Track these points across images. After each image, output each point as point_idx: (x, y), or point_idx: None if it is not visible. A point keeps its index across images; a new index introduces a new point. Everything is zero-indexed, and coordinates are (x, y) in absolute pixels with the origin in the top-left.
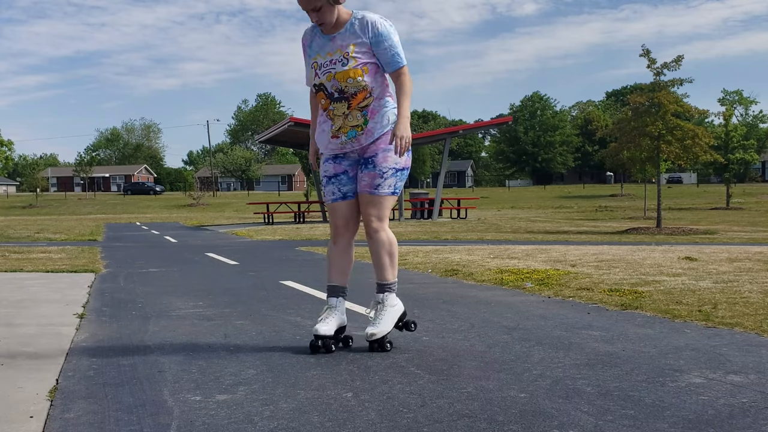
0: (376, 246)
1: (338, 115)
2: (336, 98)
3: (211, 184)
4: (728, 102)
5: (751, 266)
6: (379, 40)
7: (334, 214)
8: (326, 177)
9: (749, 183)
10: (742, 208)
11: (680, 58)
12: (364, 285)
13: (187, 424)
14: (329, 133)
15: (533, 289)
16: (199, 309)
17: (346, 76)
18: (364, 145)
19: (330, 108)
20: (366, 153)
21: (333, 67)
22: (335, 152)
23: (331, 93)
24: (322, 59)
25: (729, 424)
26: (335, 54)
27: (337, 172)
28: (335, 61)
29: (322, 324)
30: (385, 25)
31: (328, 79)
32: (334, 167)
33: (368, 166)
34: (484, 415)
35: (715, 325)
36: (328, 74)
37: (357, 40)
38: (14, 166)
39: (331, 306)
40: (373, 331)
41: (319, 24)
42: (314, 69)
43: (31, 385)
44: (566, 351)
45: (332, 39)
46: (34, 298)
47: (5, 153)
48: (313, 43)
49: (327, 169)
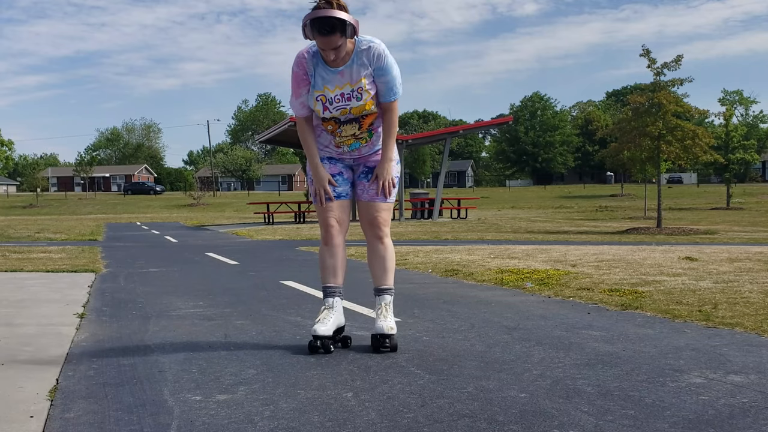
0: (384, 251)
1: (345, 136)
2: (347, 121)
3: (212, 184)
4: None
5: (752, 266)
6: (383, 73)
7: (326, 213)
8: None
9: (749, 183)
10: (743, 208)
11: (680, 58)
12: (361, 284)
13: (187, 424)
14: (332, 141)
15: (533, 289)
16: (199, 309)
17: (361, 110)
18: (364, 155)
19: (338, 131)
20: (369, 161)
21: (348, 103)
22: (331, 155)
23: (343, 121)
24: (330, 93)
25: (729, 424)
26: (345, 88)
27: (333, 173)
28: (349, 97)
29: (320, 324)
30: (390, 58)
31: (342, 114)
32: (330, 167)
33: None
34: (485, 415)
35: (715, 325)
36: (342, 110)
37: (365, 71)
38: (14, 166)
39: (328, 306)
40: (392, 324)
41: (332, 59)
42: (321, 102)
43: (32, 384)
44: (566, 351)
45: (339, 72)
46: (35, 297)
47: (5, 153)
48: (316, 74)
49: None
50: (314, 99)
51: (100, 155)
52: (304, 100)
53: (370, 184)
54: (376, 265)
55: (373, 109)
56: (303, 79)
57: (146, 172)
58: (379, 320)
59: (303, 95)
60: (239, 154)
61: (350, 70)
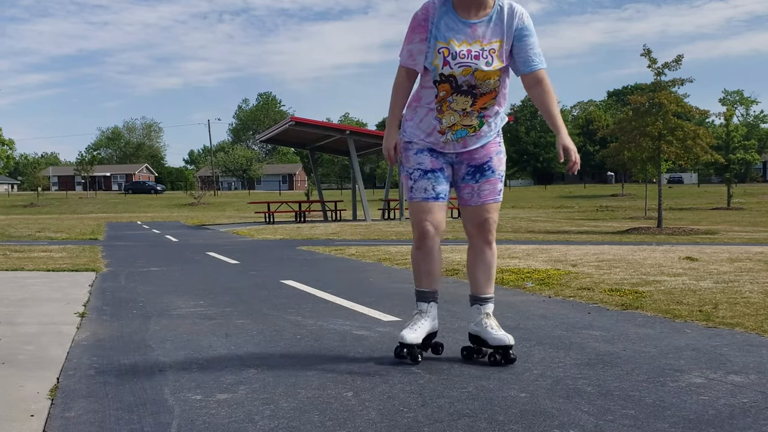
0: (491, 257)
1: (455, 109)
2: (462, 91)
3: (212, 184)
4: (729, 102)
5: (752, 266)
6: (527, 33)
7: (424, 215)
8: (421, 170)
9: (750, 183)
10: (743, 208)
11: (680, 58)
12: (362, 284)
13: (187, 423)
14: (436, 126)
15: (534, 289)
16: (200, 308)
17: (486, 77)
18: (469, 148)
19: (449, 99)
20: (474, 159)
21: (475, 63)
22: (433, 147)
23: (460, 85)
24: (457, 47)
25: (729, 424)
26: (474, 45)
27: (435, 167)
28: (477, 55)
29: (410, 331)
30: (530, 19)
31: (464, 74)
32: (431, 161)
33: (486, 173)
34: (485, 415)
35: (715, 325)
36: (466, 68)
37: (501, 36)
38: (15, 165)
39: (421, 311)
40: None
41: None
42: (443, 55)
43: (32, 383)
44: (567, 351)
45: (471, 26)
46: (36, 296)
47: (6, 152)
48: (442, 23)
49: (423, 161)
50: (435, 50)
51: (101, 154)
52: (414, 48)
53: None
54: (480, 271)
55: (496, 84)
56: (421, 26)
57: (147, 171)
58: (493, 331)
59: (415, 43)
60: (240, 154)
61: (485, 27)
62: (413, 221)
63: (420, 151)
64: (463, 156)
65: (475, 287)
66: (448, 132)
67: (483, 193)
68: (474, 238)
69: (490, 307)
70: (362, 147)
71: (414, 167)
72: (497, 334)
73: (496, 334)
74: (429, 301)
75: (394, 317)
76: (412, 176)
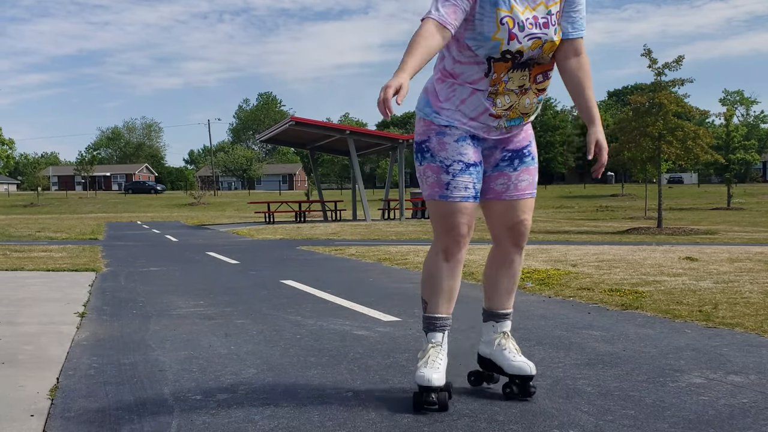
0: (518, 266)
1: (511, 89)
2: (519, 64)
3: (212, 183)
4: (729, 102)
5: (752, 266)
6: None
7: (461, 218)
8: (463, 163)
9: (750, 183)
10: (743, 208)
11: (681, 58)
12: (362, 284)
13: (187, 423)
14: (488, 108)
15: (534, 289)
16: (199, 308)
17: (552, 49)
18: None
19: (504, 78)
20: (512, 141)
21: (544, 31)
22: (476, 133)
23: (524, 62)
24: (521, 14)
25: (729, 424)
26: (538, 10)
27: (477, 160)
28: (545, 23)
29: (432, 370)
30: None
31: (533, 48)
32: (474, 152)
33: (525, 159)
34: (485, 415)
35: (715, 326)
36: (536, 41)
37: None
38: (15, 164)
39: (436, 344)
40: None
41: None
42: (508, 27)
43: (32, 383)
44: (567, 351)
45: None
46: (35, 296)
47: (6, 152)
48: None
49: (465, 152)
50: (496, 21)
51: (101, 154)
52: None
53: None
54: (504, 282)
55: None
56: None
57: (147, 171)
58: (511, 356)
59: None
60: (240, 154)
61: None
62: (443, 225)
63: (462, 138)
64: (500, 141)
65: (493, 300)
66: (503, 117)
67: (521, 185)
68: (503, 243)
69: (508, 325)
70: (362, 147)
71: (454, 158)
72: (516, 362)
73: (515, 360)
74: (445, 330)
75: (393, 317)
76: (450, 170)
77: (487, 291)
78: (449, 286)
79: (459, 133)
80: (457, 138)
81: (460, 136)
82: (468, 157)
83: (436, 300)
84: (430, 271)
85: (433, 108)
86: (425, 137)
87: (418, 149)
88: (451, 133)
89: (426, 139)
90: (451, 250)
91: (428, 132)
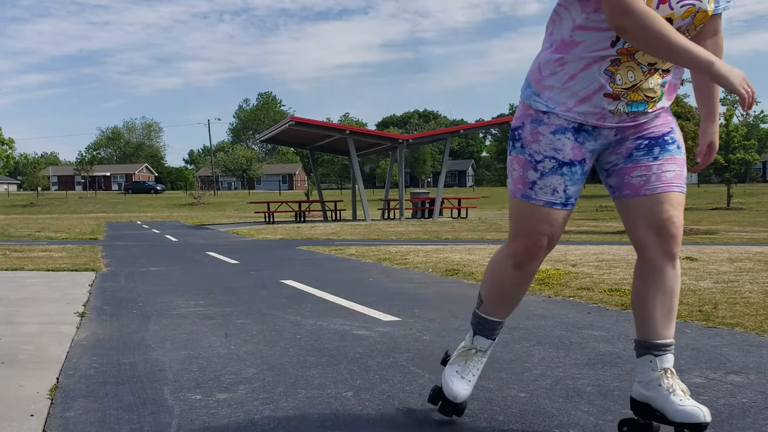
0: (675, 280)
1: (640, 62)
2: None
3: (212, 183)
4: (729, 102)
5: (752, 266)
6: None
7: (543, 225)
8: (556, 160)
9: (750, 183)
10: (743, 208)
11: None
12: (362, 284)
13: (187, 423)
14: (604, 85)
15: (533, 289)
16: (199, 308)
17: (703, 20)
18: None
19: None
20: (647, 129)
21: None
22: (584, 121)
23: None
24: None
25: (729, 424)
26: None
27: (575, 159)
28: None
29: (463, 382)
30: None
31: (684, 17)
32: (574, 148)
33: (668, 147)
34: (484, 415)
35: (715, 325)
36: (689, 8)
37: None
38: (15, 164)
39: (480, 350)
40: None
41: None
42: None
43: (32, 383)
44: (566, 351)
45: None
46: (35, 296)
47: (6, 152)
48: None
49: (562, 147)
50: None
51: (100, 154)
52: None
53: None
54: (658, 303)
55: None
56: None
57: (147, 171)
58: (677, 399)
59: None
60: (240, 153)
61: None
62: (519, 228)
63: (561, 130)
64: (628, 128)
65: (647, 327)
66: (623, 99)
67: (666, 176)
68: (649, 251)
69: (671, 359)
70: (362, 147)
71: (546, 153)
72: (684, 406)
73: (683, 405)
74: (494, 338)
75: (393, 317)
76: (539, 167)
77: (638, 316)
78: (516, 295)
79: (559, 123)
80: (554, 129)
81: (559, 127)
82: (564, 153)
83: (495, 304)
84: (495, 273)
85: (533, 89)
86: (519, 123)
87: (511, 136)
88: (549, 122)
89: (519, 126)
90: (523, 259)
91: (523, 117)
